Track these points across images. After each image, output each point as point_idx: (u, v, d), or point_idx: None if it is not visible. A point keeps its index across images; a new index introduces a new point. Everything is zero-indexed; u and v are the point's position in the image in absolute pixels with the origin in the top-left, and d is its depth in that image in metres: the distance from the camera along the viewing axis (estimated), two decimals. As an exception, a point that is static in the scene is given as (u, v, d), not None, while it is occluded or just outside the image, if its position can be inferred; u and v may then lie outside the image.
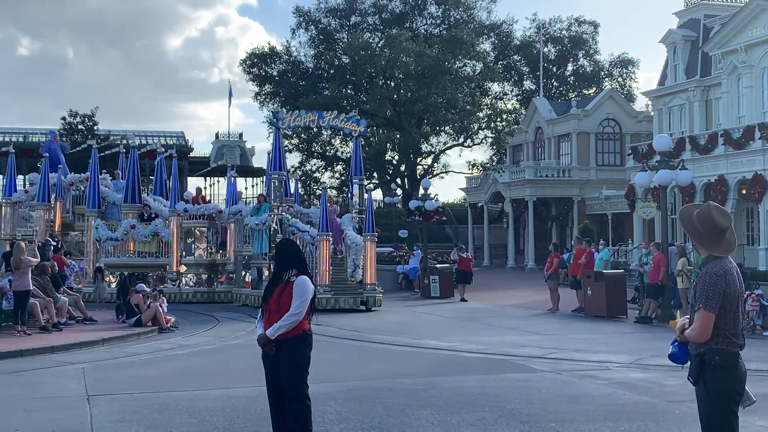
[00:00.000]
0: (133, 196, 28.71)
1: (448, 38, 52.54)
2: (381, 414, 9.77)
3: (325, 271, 24.76)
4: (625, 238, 45.27)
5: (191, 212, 28.39)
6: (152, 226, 27.94)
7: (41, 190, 29.79)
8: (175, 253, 27.81)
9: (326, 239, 24.76)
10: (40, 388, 11.91)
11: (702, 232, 5.52)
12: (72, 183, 30.56)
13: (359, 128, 28.99)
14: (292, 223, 25.86)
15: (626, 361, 14.33)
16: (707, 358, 5.35)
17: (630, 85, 66.02)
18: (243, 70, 57.89)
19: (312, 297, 7.62)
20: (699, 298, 5.34)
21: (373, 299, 25.41)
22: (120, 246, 28.04)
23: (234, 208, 28.41)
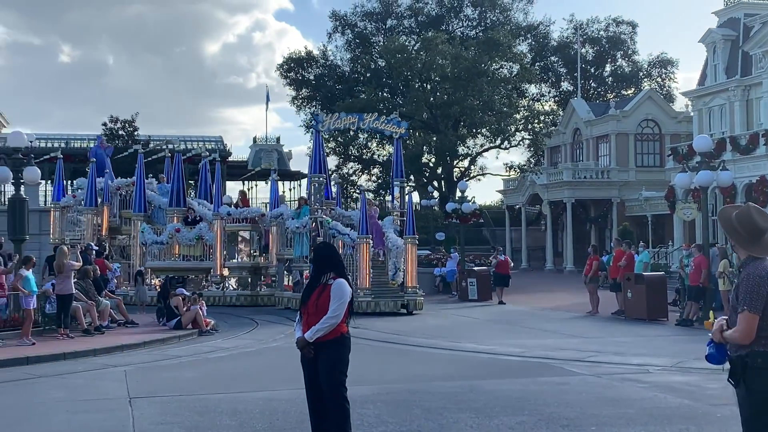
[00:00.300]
0: (178, 200, 29.01)
1: (485, 40, 52.37)
2: (419, 417, 9.77)
3: (366, 275, 24.60)
4: (665, 239, 44.77)
5: (234, 215, 28.46)
6: (196, 229, 28.09)
7: (89, 195, 30.16)
8: (218, 257, 27.87)
9: (366, 242, 24.58)
10: (82, 390, 12.08)
11: (741, 233, 5.48)
12: (119, 187, 30.89)
13: (400, 130, 28.70)
14: (333, 225, 25.70)
15: (667, 364, 14.18)
16: (750, 361, 5.29)
17: (669, 86, 65.34)
18: (280, 74, 58.25)
19: (350, 300, 7.65)
20: (742, 300, 5.29)
21: (414, 302, 25.15)
22: (165, 249, 28.28)
23: (276, 211, 28.37)
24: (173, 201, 28.98)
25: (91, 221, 30.19)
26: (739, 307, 5.33)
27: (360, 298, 23.78)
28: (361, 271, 24.56)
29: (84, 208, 30.35)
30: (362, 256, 24.52)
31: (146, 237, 28.29)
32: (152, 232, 28.41)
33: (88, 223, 30.19)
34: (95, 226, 30.18)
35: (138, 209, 29.20)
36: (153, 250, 28.34)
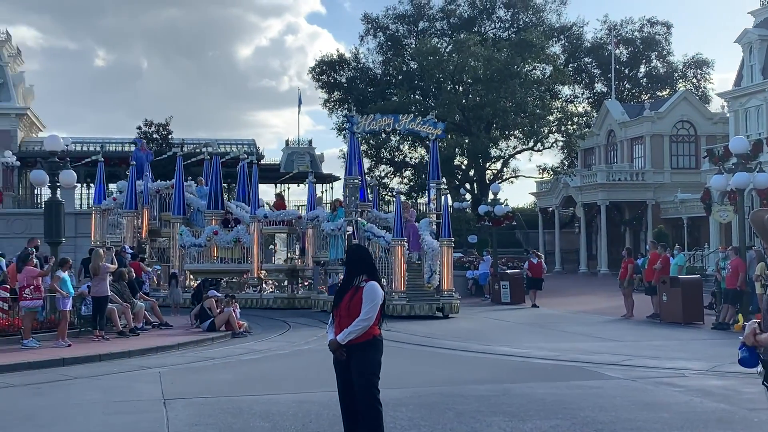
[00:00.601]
0: (216, 203, 29.08)
1: (518, 41, 52.16)
2: (452, 420, 9.73)
3: (400, 277, 24.33)
4: (701, 242, 44.24)
5: (271, 218, 28.38)
6: (234, 232, 28.14)
7: (128, 198, 30.43)
8: (255, 259, 27.79)
9: (401, 245, 24.30)
10: (117, 391, 12.19)
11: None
12: (158, 190, 31.10)
13: (436, 131, 28.26)
14: (368, 228, 25.52)
15: (703, 368, 14.01)
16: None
17: (705, 87, 64.59)
18: (312, 77, 58.45)
19: (382, 302, 7.65)
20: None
21: (450, 305, 24.83)
22: (203, 252, 28.41)
23: (312, 213, 28.23)
24: (211, 203, 29.05)
25: (131, 224, 30.45)
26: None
27: (394, 301, 23.72)
28: (395, 274, 24.31)
29: (124, 210, 30.63)
30: (397, 258, 24.29)
31: (184, 239, 28.44)
32: (190, 235, 28.54)
33: (128, 225, 30.47)
34: (135, 229, 30.47)
35: (177, 212, 29.33)
36: (191, 253, 28.46)
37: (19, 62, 56.35)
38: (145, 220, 30.59)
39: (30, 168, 37.23)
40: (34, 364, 14.44)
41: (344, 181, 27.26)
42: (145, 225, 30.55)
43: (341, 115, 57.17)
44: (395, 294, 24.01)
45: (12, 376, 12.98)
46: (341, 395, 7.79)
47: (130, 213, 30.41)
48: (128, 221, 30.50)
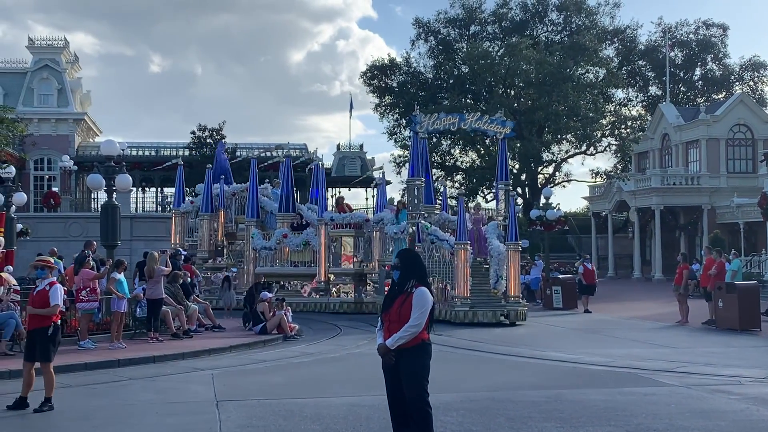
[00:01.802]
0: (287, 206, 28.90)
1: (570, 45, 51.80)
2: (503, 425, 9.68)
3: (464, 282, 23.43)
4: (758, 248, 43.39)
5: (337, 221, 27.99)
6: (304, 235, 27.96)
7: (204, 201, 30.74)
8: (323, 263, 27.52)
9: (464, 248, 23.42)
10: (171, 393, 12.36)
11: None
12: (234, 193, 31.27)
13: (505, 130, 27.01)
14: (432, 231, 24.87)
15: (760, 376, 13.72)
16: None
17: (762, 89, 63.51)
18: (363, 82, 58.68)
19: (431, 308, 7.67)
20: None
21: (516, 312, 23.71)
22: (274, 254, 28.38)
23: (377, 216, 27.77)
24: (282, 206, 28.91)
25: (208, 226, 30.70)
26: None
27: (457, 307, 23.24)
28: (458, 279, 23.49)
29: (201, 213, 30.90)
30: (460, 262, 23.43)
31: (255, 242, 28.46)
32: (261, 238, 28.51)
33: (204, 228, 30.74)
34: (212, 231, 30.73)
35: (250, 215, 29.36)
36: (262, 256, 28.49)
37: (76, 68, 57.56)
38: (221, 222, 30.78)
39: (87, 172, 37.97)
40: (90, 365, 14.69)
41: (407, 183, 26.57)
42: (220, 228, 30.76)
43: (392, 119, 57.28)
44: (458, 300, 23.38)
45: (68, 376, 13.23)
46: (390, 399, 7.83)
47: (206, 216, 30.67)
48: (204, 224, 30.74)
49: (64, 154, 49.60)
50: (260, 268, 28.24)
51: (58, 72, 53.74)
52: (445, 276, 24.37)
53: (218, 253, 30.74)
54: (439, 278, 24.39)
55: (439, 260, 24.53)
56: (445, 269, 24.30)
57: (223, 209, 30.93)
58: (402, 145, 55.85)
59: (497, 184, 28.05)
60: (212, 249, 30.73)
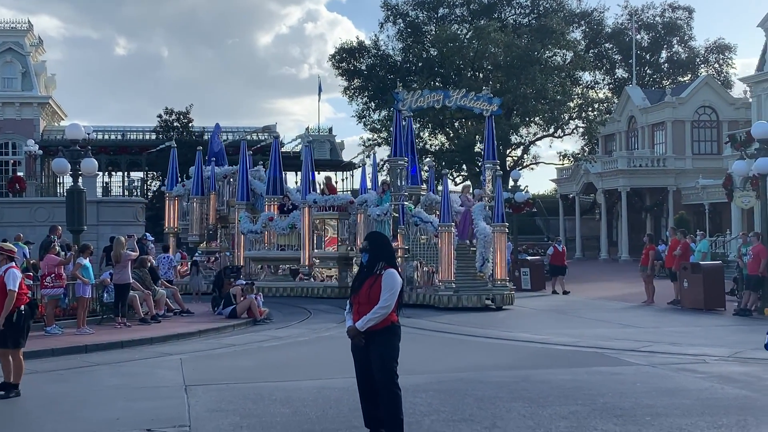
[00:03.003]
0: (275, 188, 28.18)
1: (538, 27, 51.87)
2: (472, 406, 9.75)
3: (448, 266, 22.74)
4: (722, 228, 43.95)
5: (320, 203, 27.01)
6: (290, 218, 27.18)
7: (195, 184, 30.26)
8: (306, 246, 26.66)
9: (448, 230, 22.80)
10: (139, 378, 12.31)
11: None
12: (225, 175, 30.62)
13: (492, 107, 26.06)
14: (416, 213, 24.20)
15: (724, 355, 13.94)
16: None
17: (727, 72, 64.03)
18: (332, 65, 58.30)
19: (400, 290, 7.70)
20: None
21: (502, 296, 23.01)
22: (262, 238, 27.74)
23: (361, 197, 26.97)
24: (270, 188, 28.21)
25: (199, 210, 30.22)
26: None
27: (440, 292, 22.72)
28: (442, 262, 22.83)
29: (191, 196, 30.44)
30: (444, 245, 22.73)
31: (242, 226, 27.87)
32: (248, 221, 27.85)
33: (194, 211, 30.27)
34: (203, 215, 30.26)
35: (241, 197, 28.79)
36: (250, 239, 27.93)
37: (41, 52, 56.73)
38: (212, 205, 30.24)
39: (52, 156, 37.48)
40: (57, 351, 14.57)
41: (390, 163, 25.54)
42: (212, 211, 30.22)
43: (361, 102, 57.11)
44: (442, 284, 22.79)
45: (35, 362, 13.10)
46: (360, 381, 7.88)
47: (197, 199, 30.19)
48: (195, 207, 30.24)
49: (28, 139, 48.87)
50: (248, 252, 27.89)
51: (22, 55, 52.93)
52: (429, 259, 23.87)
53: (211, 236, 30.27)
54: (423, 261, 23.99)
55: (425, 243, 23.91)
56: (430, 252, 23.77)
57: (215, 192, 30.34)
58: (371, 128, 55.71)
59: (484, 163, 27.42)
60: (203, 233, 30.24)
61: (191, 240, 30.47)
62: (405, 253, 23.83)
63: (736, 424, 8.77)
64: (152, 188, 57.07)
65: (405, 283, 23.24)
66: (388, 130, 54.52)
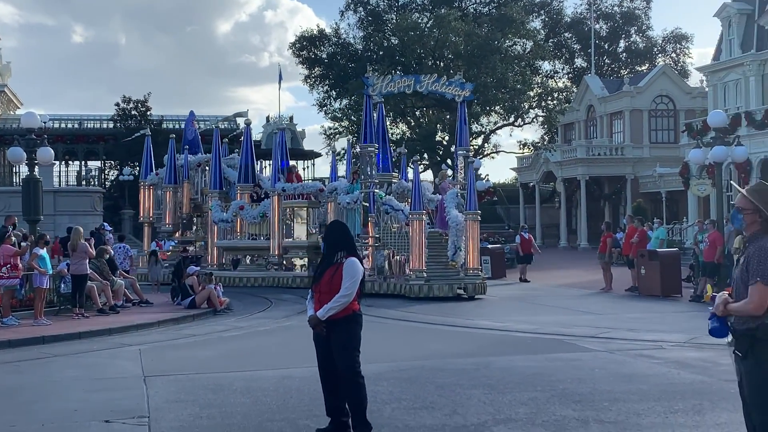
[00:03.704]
0: (246, 176, 27.69)
1: (498, 17, 52.08)
2: (432, 393, 9.80)
3: (419, 254, 22.27)
4: (679, 216, 44.61)
5: (289, 191, 26.42)
6: (261, 206, 26.71)
7: (168, 172, 29.73)
8: (276, 235, 26.19)
9: (420, 219, 22.34)
10: (97, 369, 12.18)
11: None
12: (199, 164, 30.10)
13: (464, 93, 25.67)
14: (386, 201, 23.71)
15: (681, 340, 14.15)
16: (760, 334, 5.39)
17: (684, 61, 64.94)
18: (292, 53, 58.05)
19: (361, 279, 7.70)
20: (755, 271, 5.35)
21: (474, 285, 22.49)
22: (233, 228, 27.32)
23: (331, 185, 26.43)
24: (242, 176, 27.69)
25: (172, 198, 29.70)
26: (750, 280, 5.38)
27: (411, 281, 22.26)
28: (413, 251, 22.35)
29: (164, 185, 29.95)
30: (415, 234, 22.25)
31: (213, 215, 27.43)
32: (220, 210, 27.36)
33: (167, 200, 29.75)
34: (176, 204, 29.77)
35: (213, 186, 28.31)
36: (221, 228, 27.46)
37: (-6, 39, 55.76)
38: (185, 194, 29.75)
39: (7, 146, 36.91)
40: (13, 342, 14.37)
41: (360, 150, 25.05)
42: (185, 199, 29.73)
43: (322, 91, 56.93)
44: (413, 273, 22.36)
45: (-9, 354, 12.93)
46: (322, 370, 7.87)
47: (170, 187, 29.65)
48: (168, 196, 29.70)
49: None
50: (220, 241, 27.53)
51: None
52: (401, 248, 23.42)
53: (186, 225, 29.84)
54: (394, 250, 23.56)
55: (397, 232, 23.57)
56: (401, 241, 23.39)
57: (189, 181, 29.88)
58: (333, 117, 55.59)
59: (456, 150, 27.02)
60: (177, 222, 29.79)
61: (164, 230, 30.03)
62: (376, 241, 23.66)
63: (691, 409, 8.92)
64: (110, 177, 56.49)
65: (376, 272, 23.30)
66: (350, 119, 54.53)
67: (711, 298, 5.90)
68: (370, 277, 22.78)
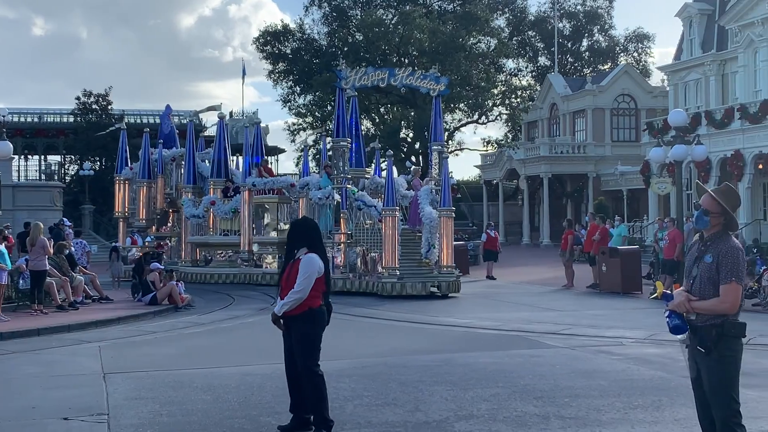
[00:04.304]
0: (219, 171, 27.17)
1: (462, 14, 52.23)
2: (395, 390, 9.80)
3: (392, 252, 21.73)
4: (640, 214, 45.10)
5: (259, 186, 25.86)
6: (233, 202, 26.14)
7: (142, 167, 29.30)
8: (247, 232, 25.71)
9: (393, 215, 21.76)
10: (57, 366, 12.02)
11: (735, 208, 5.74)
12: (173, 158, 29.58)
13: (439, 87, 25.05)
14: (359, 197, 23.23)
15: (641, 337, 14.31)
16: (724, 330, 5.51)
17: (645, 60, 65.66)
18: (256, 48, 57.75)
19: (324, 275, 7.68)
20: (730, 272, 5.48)
21: (448, 284, 22.03)
22: (205, 223, 26.82)
23: (303, 180, 25.65)
24: (215, 171, 27.19)
25: (147, 194, 29.24)
26: (723, 279, 5.50)
27: (384, 279, 21.71)
28: (386, 248, 21.79)
29: (138, 180, 29.50)
30: (388, 230, 21.63)
31: (185, 210, 26.94)
32: (192, 205, 26.85)
33: (141, 195, 29.30)
34: (151, 199, 29.31)
35: (188, 180, 27.82)
36: (193, 224, 26.98)
37: (-48, 30, 54.73)
38: (159, 189, 29.33)
39: (-35, 140, 36.33)
40: (-30, 339, 14.14)
41: (332, 144, 24.23)
42: (159, 195, 29.29)
43: (286, 86, 56.74)
44: (385, 271, 21.85)
45: (-53, 351, 12.70)
46: (286, 365, 7.92)
47: (144, 182, 29.21)
48: (142, 191, 29.25)
49: (-61, 121, 47.25)
50: (191, 237, 27.16)
51: (-68, 34, 50.98)
52: (373, 245, 22.95)
53: (162, 221, 29.40)
54: (367, 248, 23.08)
55: (370, 228, 23.06)
56: (374, 237, 22.88)
57: (163, 175, 29.43)
58: (297, 113, 55.41)
59: (430, 145, 26.30)
60: (151, 217, 29.38)
61: (137, 225, 29.59)
62: (348, 238, 23.20)
63: (651, 404, 9.01)
64: (70, 172, 55.78)
65: (348, 270, 22.88)
66: (314, 115, 54.40)
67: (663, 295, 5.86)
68: (342, 275, 22.61)
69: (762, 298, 18.40)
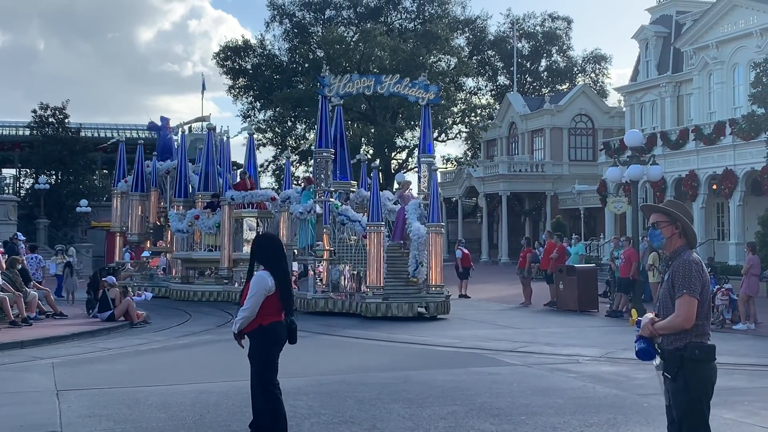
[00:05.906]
0: (206, 184, 26.68)
1: (423, 33, 52.58)
2: (353, 408, 9.77)
3: (377, 270, 20.60)
4: (597, 232, 45.61)
5: (238, 200, 25.21)
6: (217, 216, 25.55)
7: (135, 180, 28.90)
8: (227, 247, 25.08)
9: (378, 231, 20.75)
10: (8, 383, 11.80)
11: (689, 223, 5.65)
12: (167, 171, 29.16)
13: (428, 95, 23.69)
14: (342, 211, 22.04)
15: (596, 355, 14.43)
16: (687, 354, 5.38)
17: (603, 81, 66.68)
18: (217, 63, 57.59)
19: (275, 292, 7.66)
20: (681, 284, 5.37)
21: (437, 305, 20.66)
22: (191, 238, 26.26)
23: (284, 194, 24.93)
24: (202, 184, 26.71)
25: (140, 207, 28.86)
26: (677, 293, 5.39)
27: (368, 299, 20.62)
28: (370, 266, 20.70)
29: (131, 193, 29.13)
30: (373, 247, 20.61)
31: (171, 224, 26.41)
32: (177, 219, 26.23)
33: (134, 209, 28.92)
34: (144, 213, 28.89)
35: (178, 194, 27.43)
36: (179, 239, 26.44)
37: None
38: (152, 202, 28.92)
39: None
40: None
41: (315, 155, 23.08)
42: (152, 208, 28.89)
43: (246, 102, 56.59)
44: (370, 290, 20.71)
45: None
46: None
47: (137, 196, 28.85)
48: (135, 204, 28.89)
49: None
50: (178, 252, 26.64)
51: None
52: (358, 262, 21.69)
53: (156, 235, 28.96)
54: (351, 265, 21.86)
55: (354, 245, 21.96)
56: (359, 255, 21.68)
57: (156, 188, 29.02)
58: (257, 128, 55.17)
59: (419, 157, 24.43)
60: (144, 231, 28.97)
61: (130, 239, 29.17)
62: (330, 255, 21.99)
63: (606, 422, 9.09)
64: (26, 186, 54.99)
65: (330, 289, 21.76)
66: (274, 131, 54.24)
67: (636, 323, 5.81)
68: (324, 294, 21.71)
69: (715, 317, 18.65)
